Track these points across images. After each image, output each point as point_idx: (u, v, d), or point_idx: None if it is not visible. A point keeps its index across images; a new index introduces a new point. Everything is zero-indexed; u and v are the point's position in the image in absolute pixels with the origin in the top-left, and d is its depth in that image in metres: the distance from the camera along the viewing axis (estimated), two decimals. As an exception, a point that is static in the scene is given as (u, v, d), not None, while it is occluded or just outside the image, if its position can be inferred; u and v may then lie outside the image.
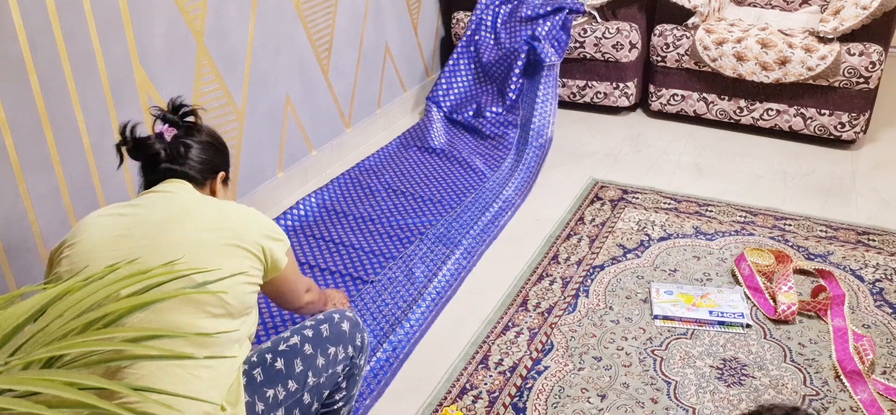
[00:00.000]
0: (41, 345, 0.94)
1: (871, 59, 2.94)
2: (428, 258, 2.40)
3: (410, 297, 2.21)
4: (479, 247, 2.47)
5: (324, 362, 1.50)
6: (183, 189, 1.45)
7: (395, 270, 2.34)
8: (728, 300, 2.12)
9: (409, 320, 2.11)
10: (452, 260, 2.38)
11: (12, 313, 0.97)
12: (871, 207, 2.68)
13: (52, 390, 0.86)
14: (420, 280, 2.28)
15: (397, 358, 1.98)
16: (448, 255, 2.40)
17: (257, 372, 1.42)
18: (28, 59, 1.80)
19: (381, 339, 2.03)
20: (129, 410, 0.86)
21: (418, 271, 2.32)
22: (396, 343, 2.02)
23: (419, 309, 2.15)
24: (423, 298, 2.20)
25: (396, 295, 2.22)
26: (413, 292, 2.23)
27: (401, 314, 2.13)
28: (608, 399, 1.82)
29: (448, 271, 2.32)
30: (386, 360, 1.96)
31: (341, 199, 2.81)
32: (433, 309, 2.17)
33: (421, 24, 3.66)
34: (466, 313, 2.18)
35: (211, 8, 2.34)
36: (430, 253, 2.42)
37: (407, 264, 2.36)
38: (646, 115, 3.56)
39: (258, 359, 1.44)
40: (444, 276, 2.30)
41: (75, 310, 0.98)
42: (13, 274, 1.87)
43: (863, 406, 1.77)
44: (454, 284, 2.29)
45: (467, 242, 2.48)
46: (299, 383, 1.46)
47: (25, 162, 1.85)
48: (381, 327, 2.08)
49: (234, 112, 2.52)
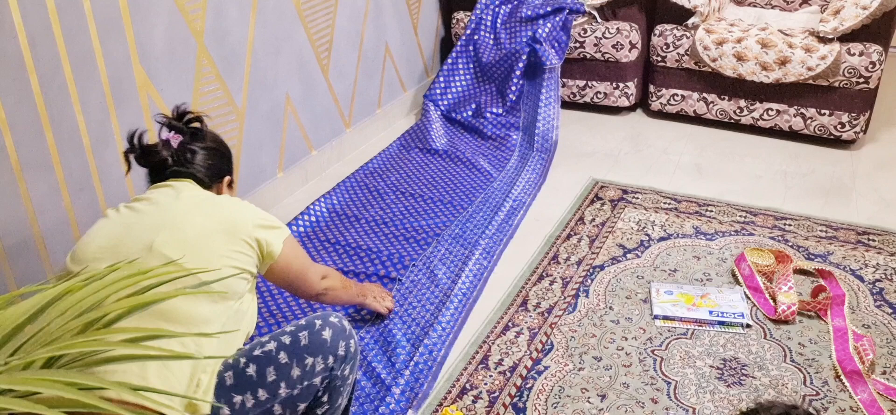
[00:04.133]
0: (41, 345, 0.94)
1: (871, 59, 2.94)
2: (448, 260, 2.40)
3: (437, 299, 2.21)
4: (496, 247, 2.48)
5: (299, 372, 1.39)
6: (186, 185, 1.50)
7: (417, 272, 2.34)
8: (728, 300, 2.12)
9: (440, 323, 2.10)
10: (473, 260, 2.38)
11: (12, 313, 0.97)
12: (871, 207, 2.68)
13: (52, 390, 0.86)
14: (443, 282, 2.28)
15: (435, 361, 1.96)
16: (467, 256, 2.41)
17: (228, 375, 1.35)
18: (28, 59, 1.80)
19: (416, 343, 2.02)
20: (127, 409, 0.86)
21: (440, 273, 2.32)
22: (431, 346, 2.01)
23: (448, 311, 2.15)
24: (451, 300, 2.19)
25: (422, 298, 2.22)
26: (439, 294, 2.23)
27: (430, 317, 2.12)
28: (608, 399, 1.82)
29: (471, 272, 2.33)
30: (425, 363, 1.95)
31: (350, 203, 2.80)
32: (462, 310, 2.16)
33: (421, 24, 3.66)
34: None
35: (211, 8, 2.34)
36: (449, 255, 2.43)
37: (428, 267, 2.37)
38: (646, 115, 3.56)
39: (232, 361, 1.37)
40: (467, 277, 2.30)
41: (75, 310, 0.98)
42: (13, 274, 1.88)
43: (863, 406, 1.77)
44: (478, 284, 2.29)
45: (484, 242, 2.49)
46: (270, 394, 1.36)
47: (25, 162, 1.85)
48: (412, 331, 2.07)
49: (234, 112, 2.52)
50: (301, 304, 2.18)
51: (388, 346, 2.01)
